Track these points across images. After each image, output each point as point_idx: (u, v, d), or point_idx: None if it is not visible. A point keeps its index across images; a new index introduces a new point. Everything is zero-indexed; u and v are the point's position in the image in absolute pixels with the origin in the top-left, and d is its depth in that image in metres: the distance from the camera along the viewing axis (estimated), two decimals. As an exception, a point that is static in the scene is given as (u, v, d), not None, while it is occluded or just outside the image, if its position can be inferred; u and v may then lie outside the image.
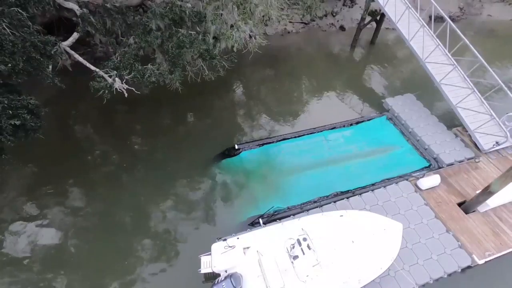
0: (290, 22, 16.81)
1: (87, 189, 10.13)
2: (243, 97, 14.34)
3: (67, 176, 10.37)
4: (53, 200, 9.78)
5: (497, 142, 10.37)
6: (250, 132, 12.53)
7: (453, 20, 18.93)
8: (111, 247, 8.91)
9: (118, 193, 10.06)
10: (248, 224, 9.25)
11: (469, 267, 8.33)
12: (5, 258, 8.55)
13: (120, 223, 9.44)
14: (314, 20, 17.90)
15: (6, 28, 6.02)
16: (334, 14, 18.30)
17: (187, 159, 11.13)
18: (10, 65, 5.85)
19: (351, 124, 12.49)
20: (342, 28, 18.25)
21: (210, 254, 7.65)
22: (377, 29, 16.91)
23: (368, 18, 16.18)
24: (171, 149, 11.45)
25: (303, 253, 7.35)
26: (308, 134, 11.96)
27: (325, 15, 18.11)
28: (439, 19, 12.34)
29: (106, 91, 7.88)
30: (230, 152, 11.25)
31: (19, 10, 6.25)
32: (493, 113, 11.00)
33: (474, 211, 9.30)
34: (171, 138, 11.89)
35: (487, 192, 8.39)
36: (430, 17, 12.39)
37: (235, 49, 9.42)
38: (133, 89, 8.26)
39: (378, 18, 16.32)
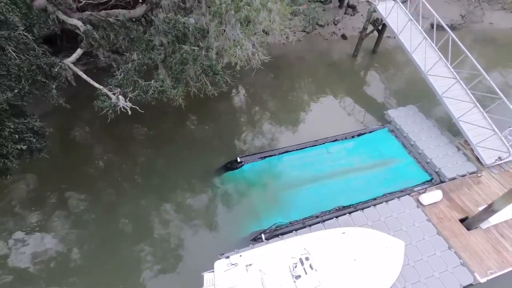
0: (291, 31, 16.81)
1: (89, 199, 10.22)
2: (245, 107, 14.37)
3: (69, 186, 10.45)
4: (56, 210, 9.87)
5: (499, 158, 10.36)
6: (252, 143, 12.57)
7: (454, 28, 18.93)
8: (113, 261, 8.96)
9: (119, 206, 10.12)
10: (251, 240, 9.30)
11: (471, 285, 8.34)
12: (8, 268, 8.64)
13: (122, 237, 9.49)
14: (315, 29, 17.92)
15: (12, 52, 6.08)
16: (335, 23, 18.33)
17: (189, 172, 11.18)
18: (16, 90, 5.93)
19: (352, 136, 12.48)
20: (343, 36, 18.26)
21: (213, 271, 7.71)
22: (379, 38, 16.91)
23: (370, 28, 16.19)
24: (173, 161, 11.50)
25: (306, 273, 7.39)
26: (310, 146, 11.95)
27: (327, 24, 18.14)
28: (441, 27, 12.34)
29: (110, 111, 7.93)
30: (232, 165, 11.29)
31: (25, 33, 6.32)
32: (495, 128, 10.98)
33: (476, 228, 9.30)
34: (173, 150, 11.92)
35: (490, 210, 8.40)
36: (432, 25, 12.37)
37: (238, 67, 9.46)
38: (137, 107, 8.31)
39: (380, 28, 16.32)
